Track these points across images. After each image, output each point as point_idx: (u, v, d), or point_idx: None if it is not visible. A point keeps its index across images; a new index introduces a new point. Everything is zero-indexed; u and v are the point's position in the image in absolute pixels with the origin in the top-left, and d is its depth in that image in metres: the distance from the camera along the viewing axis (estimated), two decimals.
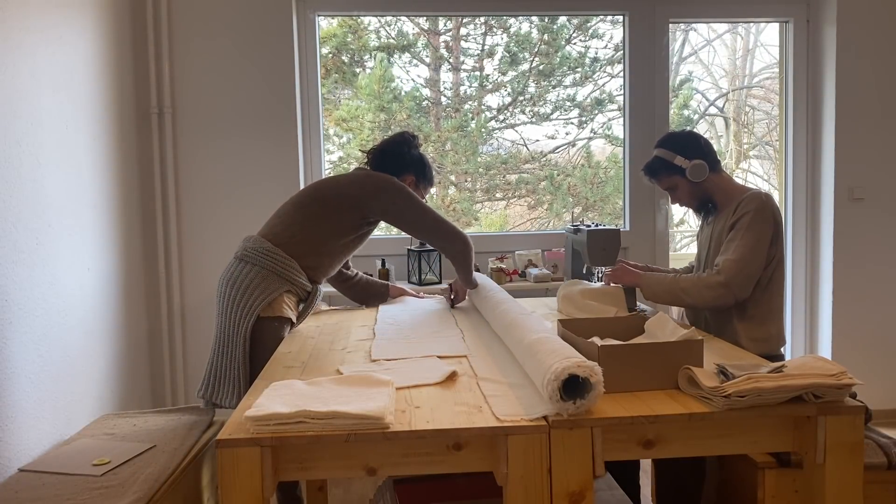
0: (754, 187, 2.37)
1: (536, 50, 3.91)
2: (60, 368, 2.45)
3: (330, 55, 3.75)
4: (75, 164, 2.62)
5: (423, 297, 2.77)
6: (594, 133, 4.02)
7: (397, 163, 2.45)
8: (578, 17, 3.87)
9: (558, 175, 4.02)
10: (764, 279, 2.20)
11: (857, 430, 1.37)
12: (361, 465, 1.33)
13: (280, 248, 2.25)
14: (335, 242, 2.33)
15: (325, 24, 3.70)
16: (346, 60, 3.80)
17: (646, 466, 2.74)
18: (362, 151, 2.58)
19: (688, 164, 2.27)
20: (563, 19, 3.89)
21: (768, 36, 4.45)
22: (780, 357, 2.25)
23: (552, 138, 4.02)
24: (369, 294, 2.72)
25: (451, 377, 1.63)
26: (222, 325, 2.23)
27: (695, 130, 2.65)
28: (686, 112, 4.28)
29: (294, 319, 2.28)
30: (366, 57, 3.81)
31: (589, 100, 3.96)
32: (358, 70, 3.81)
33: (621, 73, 3.79)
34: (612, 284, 2.39)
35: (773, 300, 2.23)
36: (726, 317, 2.25)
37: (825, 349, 3.68)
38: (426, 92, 3.97)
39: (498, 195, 4.12)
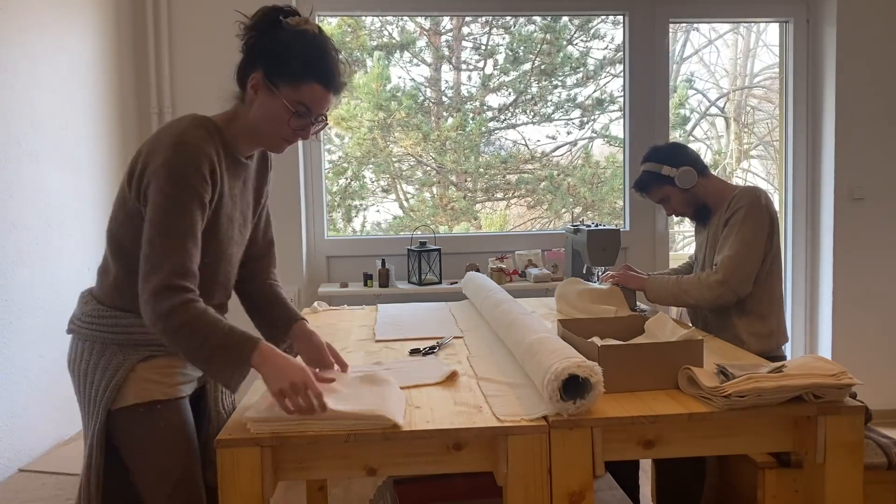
0: (749, 185, 2.37)
1: (538, 50, 3.91)
2: (60, 368, 2.44)
3: None
4: (75, 164, 2.62)
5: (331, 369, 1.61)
6: (595, 133, 4.02)
7: (243, 61, 1.49)
8: (579, 17, 3.87)
9: (558, 175, 4.02)
10: (761, 274, 2.20)
11: (857, 430, 1.37)
12: (361, 465, 1.33)
13: (106, 302, 1.50)
14: None
15: (325, 23, 3.70)
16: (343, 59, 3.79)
17: (646, 466, 2.74)
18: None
19: (675, 173, 2.28)
20: (564, 19, 3.89)
21: (770, 36, 4.45)
22: (782, 356, 2.25)
23: (553, 138, 4.02)
24: (263, 317, 1.70)
25: (451, 377, 1.63)
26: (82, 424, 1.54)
27: (679, 141, 2.66)
28: (683, 111, 4.28)
29: (174, 394, 1.49)
30: (364, 56, 3.80)
31: (590, 100, 3.96)
32: (356, 69, 3.80)
33: (622, 73, 3.79)
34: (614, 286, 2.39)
35: (771, 294, 2.23)
36: (726, 313, 2.25)
37: (825, 349, 3.68)
38: (427, 91, 3.97)
39: (498, 195, 4.12)
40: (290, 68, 1.43)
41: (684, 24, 4.30)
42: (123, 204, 1.46)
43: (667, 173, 2.29)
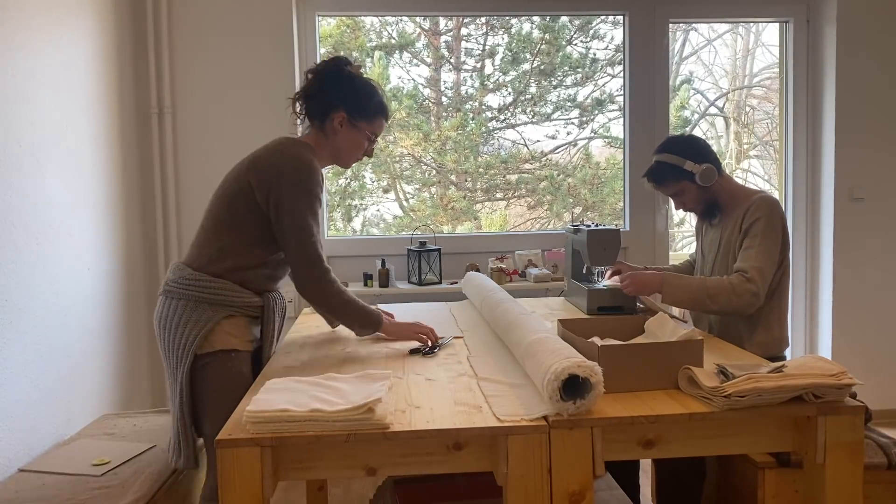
0: (756, 188, 2.36)
1: (537, 50, 3.91)
2: (60, 368, 2.45)
3: (328, 55, 3.75)
4: (75, 164, 2.62)
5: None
6: (594, 133, 4.02)
7: (322, 101, 1.97)
8: (580, 17, 3.87)
9: (558, 175, 4.02)
10: (772, 284, 2.19)
11: (857, 430, 1.37)
12: (361, 465, 1.33)
13: (201, 271, 1.87)
14: (263, 247, 1.91)
15: (324, 23, 3.70)
16: None
17: (646, 466, 2.74)
18: (289, 98, 2.06)
19: (698, 169, 2.24)
20: (564, 19, 3.89)
21: (769, 36, 4.45)
22: (782, 357, 2.24)
23: (553, 138, 4.02)
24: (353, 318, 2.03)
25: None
26: (166, 371, 1.92)
27: (693, 133, 2.63)
28: (684, 113, 4.28)
29: (246, 347, 1.90)
30: (364, 56, 3.80)
31: (589, 100, 3.96)
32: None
33: (621, 74, 3.79)
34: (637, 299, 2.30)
35: (778, 305, 2.22)
36: (732, 321, 2.24)
37: (825, 349, 3.68)
38: (427, 92, 3.97)
39: (498, 195, 4.12)
40: (368, 109, 1.97)
41: (683, 24, 4.30)
42: (244, 199, 1.88)
43: (689, 168, 2.24)
